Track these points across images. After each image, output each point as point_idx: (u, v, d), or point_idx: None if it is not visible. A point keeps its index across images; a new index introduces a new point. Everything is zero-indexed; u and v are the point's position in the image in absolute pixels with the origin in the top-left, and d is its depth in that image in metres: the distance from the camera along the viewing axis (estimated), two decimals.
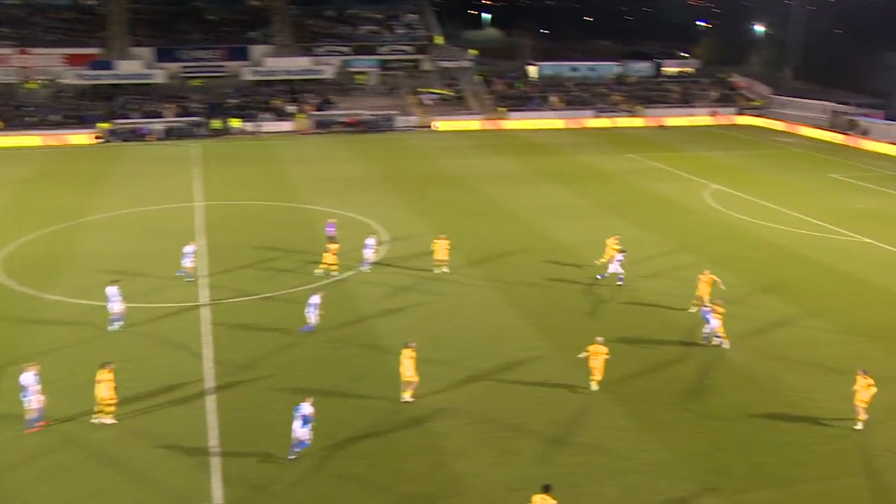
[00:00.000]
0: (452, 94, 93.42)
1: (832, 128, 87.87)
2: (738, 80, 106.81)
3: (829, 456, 22.67)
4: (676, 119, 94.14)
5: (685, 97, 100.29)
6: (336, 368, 27.12)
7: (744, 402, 25.44)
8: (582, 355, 26.40)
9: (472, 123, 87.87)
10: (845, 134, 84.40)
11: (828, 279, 37.29)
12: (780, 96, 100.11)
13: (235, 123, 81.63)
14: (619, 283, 35.13)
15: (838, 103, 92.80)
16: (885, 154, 76.54)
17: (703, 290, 31.94)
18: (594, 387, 26.16)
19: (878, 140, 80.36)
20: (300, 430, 22.00)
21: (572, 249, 40.96)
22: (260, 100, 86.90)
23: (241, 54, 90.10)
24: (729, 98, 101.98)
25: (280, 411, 24.30)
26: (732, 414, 24.76)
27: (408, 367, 24.83)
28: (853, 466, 22.20)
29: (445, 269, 36.97)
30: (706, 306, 29.98)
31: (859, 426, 24.10)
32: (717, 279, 32.65)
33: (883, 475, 21.96)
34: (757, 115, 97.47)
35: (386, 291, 34.39)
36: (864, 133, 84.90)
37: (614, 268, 35.01)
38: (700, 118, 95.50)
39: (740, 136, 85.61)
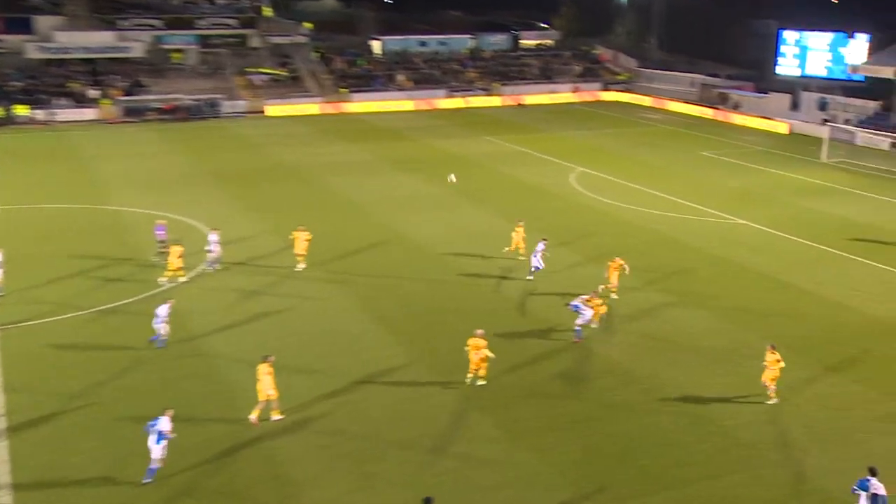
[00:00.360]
0: (286, 74, 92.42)
1: (702, 102, 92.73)
2: (601, 52, 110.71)
3: (712, 454, 23.70)
4: (537, 97, 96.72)
5: (545, 72, 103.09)
6: (170, 390, 26.41)
7: (621, 402, 26.31)
8: (467, 348, 27.19)
9: (310, 107, 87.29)
10: (715, 108, 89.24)
11: (705, 265, 39.31)
12: (647, 69, 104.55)
13: (22, 111, 77.34)
14: (530, 277, 36.13)
15: (707, 75, 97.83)
16: (755, 129, 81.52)
17: (612, 276, 34.17)
18: (469, 380, 27.10)
19: (748, 114, 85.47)
20: (155, 449, 21.80)
21: (429, 244, 41.43)
22: (52, 82, 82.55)
23: (23, 26, 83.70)
24: (593, 72, 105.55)
25: (91, 451, 23.27)
26: (609, 415, 25.55)
27: (266, 383, 24.70)
28: (737, 464, 23.26)
29: (301, 266, 37.61)
30: (576, 300, 31.12)
31: (773, 401, 26.33)
32: (626, 266, 34.62)
33: (767, 471, 23.04)
34: (623, 90, 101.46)
35: (229, 299, 34.05)
36: (735, 107, 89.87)
37: (536, 261, 35.69)
38: (562, 95, 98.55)
39: (606, 114, 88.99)
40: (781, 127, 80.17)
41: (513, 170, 59.33)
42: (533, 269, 36.01)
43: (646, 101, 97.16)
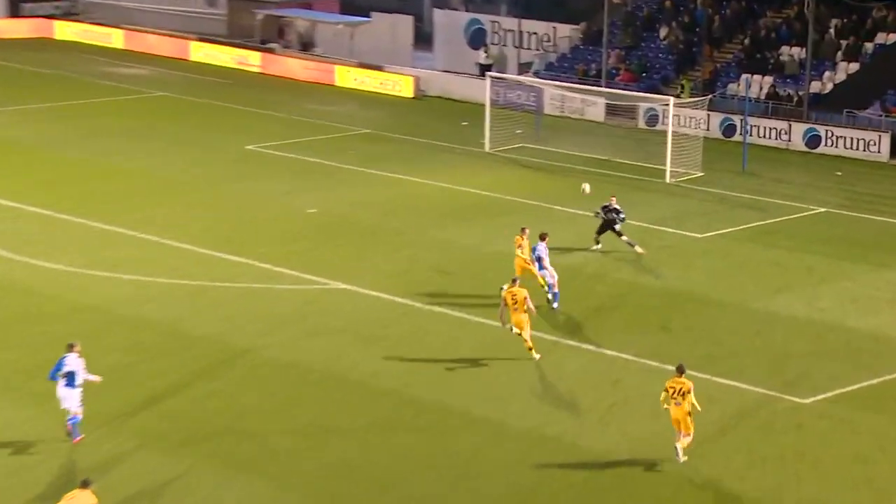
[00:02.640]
0: None
1: (234, 37, 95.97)
2: None
3: None
4: None
5: None
6: None
7: None
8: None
9: None
10: (266, 50, 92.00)
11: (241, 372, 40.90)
12: None
13: None
14: (555, 306, 46.37)
15: None
16: (350, 90, 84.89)
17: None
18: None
19: (331, 60, 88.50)
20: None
21: None
22: None
23: None
24: None
25: None
26: None
27: None
28: None
29: None
30: None
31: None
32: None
33: None
34: (65, 18, 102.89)
35: None
36: (305, 46, 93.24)
37: (549, 276, 46.10)
38: None
39: (32, 70, 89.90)
40: (402, 84, 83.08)
41: None
42: (551, 292, 46.28)
43: (116, 37, 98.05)
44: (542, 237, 46.41)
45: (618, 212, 50.79)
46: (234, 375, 41.46)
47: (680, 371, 34.63)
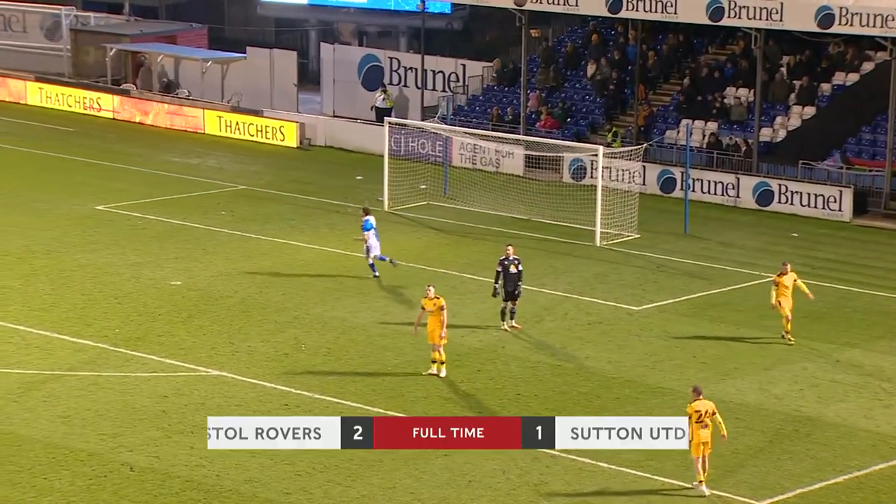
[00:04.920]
0: None
1: (79, 72, 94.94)
2: None
3: None
4: None
5: None
6: None
7: None
8: None
9: None
10: (121, 93, 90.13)
11: None
12: None
13: None
14: (376, 274, 56.93)
15: (83, 8, 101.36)
16: (217, 137, 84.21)
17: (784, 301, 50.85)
18: None
19: (197, 104, 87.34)
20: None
21: None
22: None
23: None
24: None
25: None
26: None
27: None
28: None
29: None
30: None
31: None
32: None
33: None
34: None
35: None
36: (166, 87, 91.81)
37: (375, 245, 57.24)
38: None
39: None
40: (284, 131, 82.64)
41: None
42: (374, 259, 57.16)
43: None
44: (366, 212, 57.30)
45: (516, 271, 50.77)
46: (73, 488, 39.56)
47: (698, 393, 37.90)
